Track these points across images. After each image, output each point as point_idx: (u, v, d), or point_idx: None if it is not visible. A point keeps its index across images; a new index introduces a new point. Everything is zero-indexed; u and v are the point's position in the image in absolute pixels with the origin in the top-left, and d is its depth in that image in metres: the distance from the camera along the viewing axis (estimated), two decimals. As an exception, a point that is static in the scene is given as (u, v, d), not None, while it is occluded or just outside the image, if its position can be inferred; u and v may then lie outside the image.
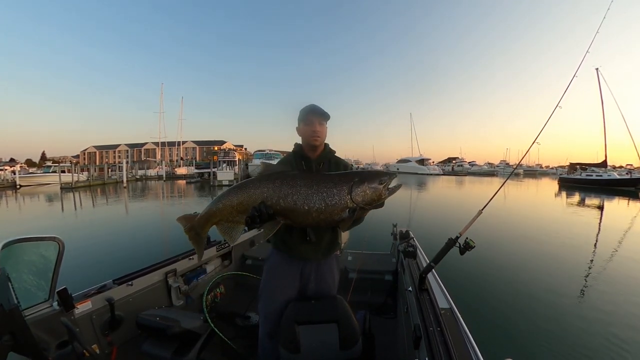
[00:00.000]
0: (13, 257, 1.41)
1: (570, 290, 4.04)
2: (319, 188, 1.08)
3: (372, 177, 1.10)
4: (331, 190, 1.07)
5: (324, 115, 1.39)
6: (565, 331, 3.08)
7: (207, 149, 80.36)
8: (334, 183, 1.09)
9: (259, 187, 1.11)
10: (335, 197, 1.07)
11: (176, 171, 39.93)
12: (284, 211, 1.09)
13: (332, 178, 1.12)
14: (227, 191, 1.18)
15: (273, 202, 1.08)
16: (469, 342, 1.16)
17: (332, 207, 1.06)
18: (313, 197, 1.07)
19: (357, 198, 1.07)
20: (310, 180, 1.11)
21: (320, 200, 1.06)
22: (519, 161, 2.96)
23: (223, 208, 1.16)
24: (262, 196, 1.09)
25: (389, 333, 2.25)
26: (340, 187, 1.08)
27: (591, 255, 5.64)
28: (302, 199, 1.07)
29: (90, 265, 4.87)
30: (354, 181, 1.09)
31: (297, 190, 1.08)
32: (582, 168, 25.98)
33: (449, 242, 1.59)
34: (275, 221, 1.12)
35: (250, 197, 1.11)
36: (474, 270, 4.51)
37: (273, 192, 1.09)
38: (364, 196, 1.08)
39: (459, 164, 64.24)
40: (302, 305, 1.41)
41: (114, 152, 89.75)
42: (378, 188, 1.09)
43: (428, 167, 45.11)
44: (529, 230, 7.78)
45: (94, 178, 28.32)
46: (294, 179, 1.12)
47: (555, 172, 50.36)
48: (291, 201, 1.07)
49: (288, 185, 1.09)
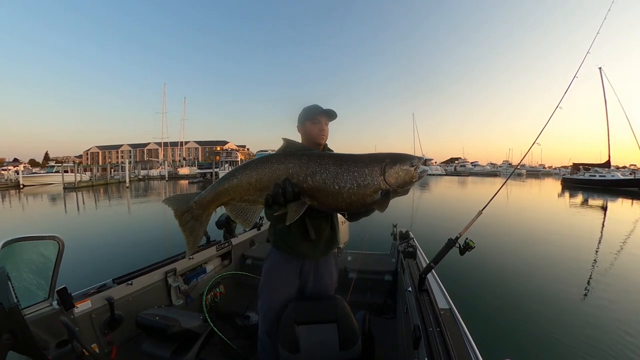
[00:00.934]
0: (13, 256, 1.41)
1: (570, 290, 4.04)
2: (350, 167, 1.00)
3: (404, 159, 1.04)
4: (363, 170, 0.99)
5: (332, 115, 1.40)
6: (565, 331, 3.08)
7: (209, 149, 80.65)
8: (365, 163, 1.01)
9: (283, 162, 1.01)
10: (367, 177, 0.99)
11: (179, 171, 40.23)
12: (311, 190, 0.99)
13: (363, 158, 1.04)
14: (242, 165, 1.05)
15: (299, 180, 0.99)
16: (469, 343, 1.16)
17: (364, 188, 0.99)
18: (344, 176, 0.98)
19: (390, 179, 1.00)
20: (339, 158, 1.02)
21: (352, 180, 0.98)
22: (519, 161, 2.96)
23: (238, 185, 1.02)
24: (287, 172, 0.99)
25: (389, 333, 2.25)
26: (372, 167, 1.00)
27: (593, 256, 5.61)
28: (332, 178, 0.98)
29: (90, 264, 4.88)
30: (386, 162, 1.01)
31: (326, 168, 0.99)
32: (585, 168, 25.87)
33: (448, 242, 1.59)
34: (301, 202, 1.01)
35: (274, 172, 1.00)
36: (474, 270, 4.51)
37: (300, 168, 0.99)
38: (397, 177, 1.01)
39: (462, 164, 64.33)
40: (302, 305, 1.41)
41: (116, 152, 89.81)
42: (410, 170, 1.02)
43: (430, 168, 45.16)
44: (530, 231, 7.76)
45: (97, 178, 28.67)
46: (322, 156, 1.03)
47: (558, 172, 50.27)
48: (320, 179, 0.98)
49: (316, 162, 1.00)
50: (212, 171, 27.59)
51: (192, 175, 36.21)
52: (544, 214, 10.79)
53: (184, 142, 56.67)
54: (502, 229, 7.61)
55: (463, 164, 63.81)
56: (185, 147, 66.39)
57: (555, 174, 50.53)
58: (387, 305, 2.51)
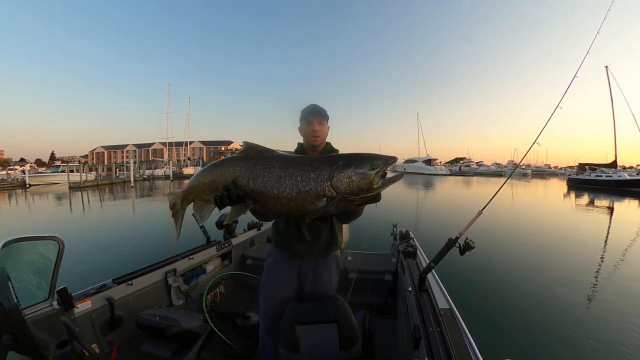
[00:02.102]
0: (13, 257, 1.41)
1: (571, 291, 4.04)
2: (294, 171, 0.95)
3: (361, 161, 0.92)
4: (307, 174, 0.93)
5: (323, 114, 1.41)
6: (565, 332, 3.07)
7: (214, 149, 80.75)
8: (313, 166, 0.95)
9: (231, 166, 1.04)
10: (310, 183, 0.92)
11: (183, 171, 40.38)
12: (253, 194, 1.00)
13: (313, 161, 0.98)
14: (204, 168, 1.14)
15: (243, 183, 1.00)
16: (469, 343, 1.16)
17: (304, 194, 0.92)
18: (285, 180, 0.94)
19: (338, 185, 0.91)
20: (288, 162, 0.98)
21: (292, 185, 0.93)
22: (519, 161, 2.96)
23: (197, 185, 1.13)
24: (233, 175, 1.02)
25: (389, 333, 2.25)
26: (319, 171, 0.93)
27: (597, 257, 5.53)
28: (273, 182, 0.96)
29: (90, 264, 4.87)
30: (337, 165, 0.93)
31: (270, 171, 0.97)
32: (591, 168, 25.40)
33: (449, 242, 1.59)
34: (244, 204, 1.03)
35: (222, 175, 1.04)
36: (474, 270, 4.50)
37: (245, 171, 1.00)
38: (348, 184, 0.91)
39: (467, 164, 63.57)
40: (302, 305, 1.41)
41: (122, 152, 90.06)
42: (368, 174, 0.90)
43: (435, 168, 44.84)
44: (533, 231, 7.70)
45: (102, 178, 28.73)
46: (270, 159, 1.00)
47: (564, 172, 49.68)
48: (261, 183, 0.98)
49: (262, 165, 0.99)
50: None
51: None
52: (548, 215, 10.66)
53: (188, 142, 56.85)
54: (504, 229, 7.59)
55: (468, 164, 63.04)
56: (190, 147, 66.57)
57: (560, 174, 49.90)
58: (387, 305, 2.51)
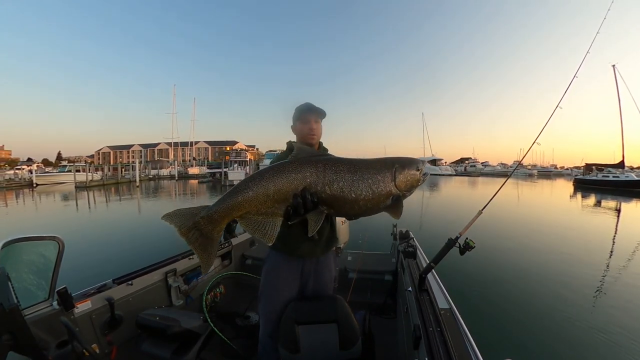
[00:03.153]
0: (13, 257, 1.41)
1: (571, 291, 4.03)
2: (364, 174, 1.00)
3: (410, 163, 1.07)
4: (375, 177, 1.00)
5: (320, 112, 1.41)
6: (565, 332, 3.08)
7: (219, 149, 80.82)
8: (377, 169, 1.02)
9: (300, 171, 0.97)
10: (381, 184, 1.00)
11: (188, 171, 40.64)
12: (329, 199, 0.98)
13: (373, 164, 1.05)
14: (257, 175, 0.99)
15: (318, 189, 0.97)
16: (469, 343, 1.16)
17: (378, 195, 1.00)
18: (359, 183, 0.98)
19: (400, 184, 1.03)
20: (352, 165, 1.02)
21: (367, 187, 0.98)
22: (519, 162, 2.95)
23: (255, 197, 0.94)
24: (304, 182, 0.97)
25: (389, 333, 2.25)
26: (384, 173, 1.01)
27: (601, 259, 5.47)
28: (349, 186, 0.98)
29: (90, 264, 4.87)
30: (396, 167, 1.04)
31: (342, 176, 0.98)
32: (598, 169, 24.91)
33: (449, 242, 1.59)
34: (319, 211, 0.99)
35: (291, 183, 0.96)
36: (474, 270, 4.50)
37: (317, 177, 0.97)
38: (406, 182, 1.04)
39: (472, 164, 62.89)
40: (302, 305, 1.41)
41: (127, 152, 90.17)
42: (416, 174, 1.06)
43: (440, 168, 44.74)
44: (536, 231, 7.65)
45: (108, 177, 29.16)
46: (337, 163, 1.02)
47: (570, 173, 48.94)
48: (337, 188, 0.97)
49: (332, 170, 0.99)
50: (221, 171, 27.91)
51: (201, 175, 36.46)
52: (552, 215, 10.52)
53: (193, 142, 57.09)
54: (505, 229, 7.58)
55: (473, 164, 62.32)
56: (195, 147, 66.90)
57: (567, 175, 49.21)
58: (387, 305, 2.51)
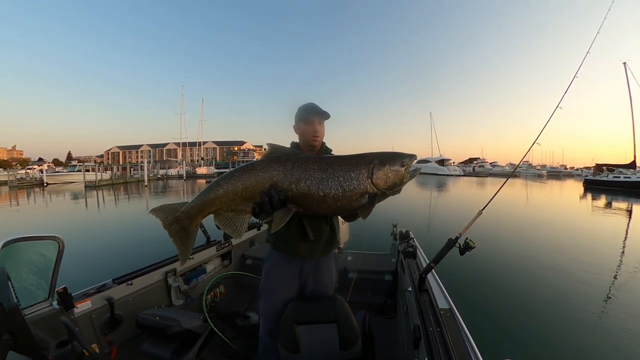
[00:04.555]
0: (13, 256, 1.41)
1: (572, 291, 4.03)
2: (335, 171, 0.98)
3: (393, 159, 1.01)
4: (348, 174, 0.98)
5: (324, 114, 1.39)
6: (565, 332, 3.08)
7: (227, 149, 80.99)
8: (352, 166, 0.99)
9: (267, 170, 1.00)
10: (353, 181, 0.97)
11: (197, 171, 40.86)
12: (296, 198, 0.99)
13: (349, 160, 1.02)
14: (228, 174, 1.04)
15: (284, 187, 0.98)
16: (469, 343, 1.16)
17: (350, 193, 0.97)
18: (329, 181, 0.97)
19: (378, 182, 0.98)
20: (324, 163, 1.01)
21: (337, 185, 0.97)
22: (518, 162, 2.94)
23: (224, 194, 1.00)
24: (271, 180, 0.99)
25: (389, 333, 2.25)
26: (359, 170, 0.98)
27: (606, 261, 5.35)
28: (317, 184, 0.97)
29: (90, 264, 4.87)
30: (374, 163, 0.99)
31: (311, 174, 0.98)
32: (608, 169, 24.32)
33: (448, 242, 1.59)
34: (286, 209, 1.00)
35: (259, 181, 0.99)
36: (474, 270, 4.51)
37: (284, 175, 0.99)
38: (386, 180, 0.99)
39: (480, 164, 61.78)
40: (302, 305, 1.41)
41: (136, 152, 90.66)
42: (400, 170, 1.00)
43: (448, 168, 44.29)
44: (538, 232, 7.60)
45: (117, 177, 29.33)
46: (306, 161, 1.01)
47: (580, 173, 47.56)
48: (304, 186, 0.97)
49: (300, 168, 1.00)
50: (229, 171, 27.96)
51: (209, 175, 36.54)
52: (560, 216, 10.36)
53: (202, 142, 57.19)
54: (508, 230, 7.56)
55: (482, 165, 61.22)
56: (203, 147, 67.05)
57: (577, 175, 48.11)
58: (387, 305, 2.51)
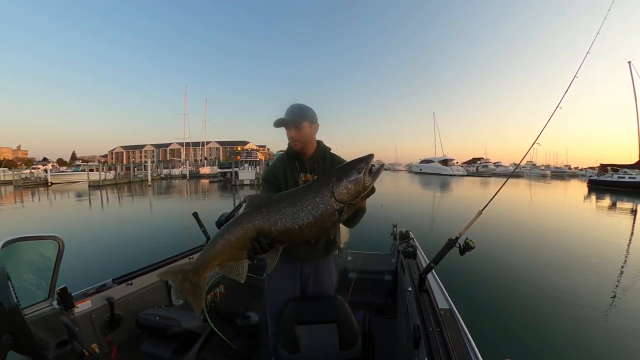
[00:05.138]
0: (13, 256, 1.41)
1: (571, 291, 4.03)
2: (302, 203, 1.06)
3: (349, 170, 1.05)
4: (314, 200, 1.05)
5: (296, 119, 1.35)
6: (564, 332, 3.08)
7: (230, 149, 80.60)
8: (315, 192, 1.07)
9: (250, 221, 1.11)
10: (320, 206, 1.04)
11: (200, 171, 40.87)
12: (279, 237, 1.09)
13: (312, 187, 1.10)
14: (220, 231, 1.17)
15: (267, 232, 1.08)
16: (469, 343, 1.16)
17: (320, 217, 1.04)
18: (300, 214, 1.05)
19: (342, 197, 1.03)
20: (292, 197, 1.10)
21: (308, 215, 1.04)
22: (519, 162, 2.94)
23: (222, 249, 1.14)
24: (255, 228, 1.09)
25: (389, 333, 2.25)
26: (322, 194, 1.05)
27: (607, 262, 5.34)
28: (291, 220, 1.06)
29: (90, 264, 4.88)
30: (332, 182, 1.05)
31: (284, 212, 1.07)
32: (613, 169, 23.86)
33: (448, 242, 1.59)
34: (275, 248, 1.12)
35: (246, 231, 1.10)
36: (474, 270, 4.51)
37: (263, 222, 1.09)
38: (348, 192, 1.03)
39: (484, 164, 61.28)
40: (302, 305, 1.41)
41: (140, 152, 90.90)
42: (358, 179, 1.03)
43: (451, 168, 44.00)
44: (539, 232, 7.59)
45: (121, 177, 29.32)
46: (277, 202, 1.11)
47: (584, 173, 46.92)
48: (281, 226, 1.07)
49: (274, 210, 1.09)
50: (232, 171, 27.79)
51: (212, 175, 36.49)
52: (563, 216, 10.36)
53: (205, 142, 57.19)
54: (509, 230, 7.58)
55: (485, 165, 60.84)
56: (206, 147, 67.01)
57: (581, 175, 47.28)
58: (387, 305, 2.51)
